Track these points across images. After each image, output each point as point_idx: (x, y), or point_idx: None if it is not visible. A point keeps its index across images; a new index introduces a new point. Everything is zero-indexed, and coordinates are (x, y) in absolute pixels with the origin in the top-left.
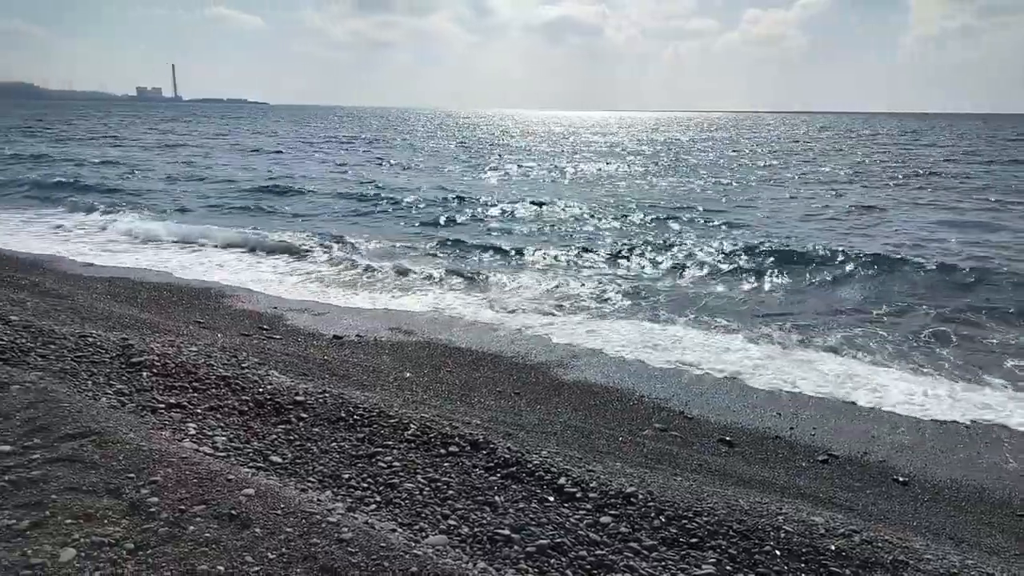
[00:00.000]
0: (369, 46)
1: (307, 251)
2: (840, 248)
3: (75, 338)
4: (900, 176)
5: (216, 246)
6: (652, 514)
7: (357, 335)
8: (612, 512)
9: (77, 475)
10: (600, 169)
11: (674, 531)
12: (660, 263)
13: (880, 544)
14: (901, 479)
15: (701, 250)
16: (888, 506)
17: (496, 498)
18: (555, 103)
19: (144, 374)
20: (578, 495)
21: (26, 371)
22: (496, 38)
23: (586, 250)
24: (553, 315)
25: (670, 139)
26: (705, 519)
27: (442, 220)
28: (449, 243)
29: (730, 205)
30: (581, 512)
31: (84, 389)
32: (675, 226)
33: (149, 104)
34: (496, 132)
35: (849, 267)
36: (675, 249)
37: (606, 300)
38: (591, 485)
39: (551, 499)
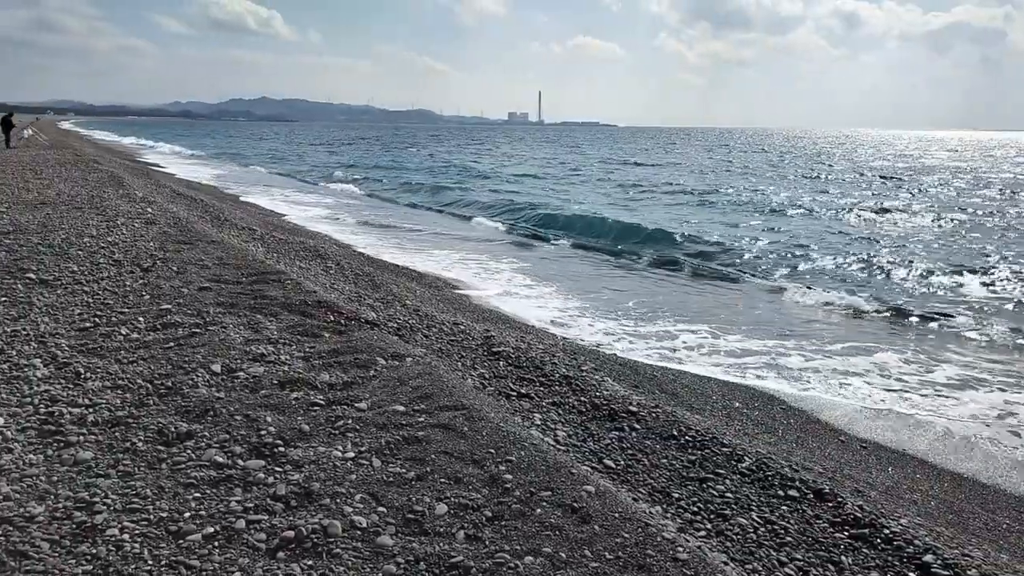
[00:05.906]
0: (723, 66)
1: None
2: None
3: (450, 324)
4: None
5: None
6: None
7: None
8: None
9: (451, 441)
10: None
11: None
12: None
13: None
14: None
15: None
16: None
17: (843, 558)
18: (940, 122)
19: (501, 363)
20: None
21: (415, 347)
22: (866, 51)
23: None
24: None
25: None
26: None
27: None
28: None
29: None
30: None
31: (456, 368)
32: None
33: (517, 126)
34: None
35: None
36: None
37: None
38: (968, 573)
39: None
